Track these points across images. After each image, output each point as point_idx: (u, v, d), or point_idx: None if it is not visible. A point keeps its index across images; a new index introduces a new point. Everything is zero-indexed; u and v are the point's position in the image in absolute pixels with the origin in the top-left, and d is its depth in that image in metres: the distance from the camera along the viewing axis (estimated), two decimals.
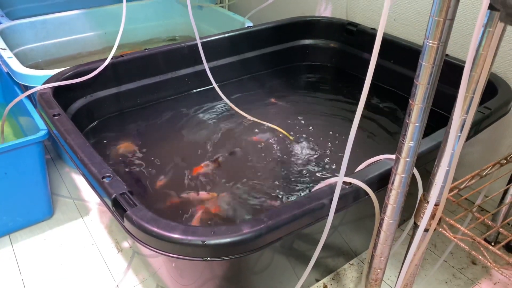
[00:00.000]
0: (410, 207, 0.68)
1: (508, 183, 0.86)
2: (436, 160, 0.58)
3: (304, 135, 1.06)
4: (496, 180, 0.72)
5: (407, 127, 0.54)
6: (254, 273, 0.72)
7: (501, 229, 0.64)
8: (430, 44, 0.48)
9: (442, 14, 0.46)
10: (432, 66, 0.49)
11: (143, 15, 1.63)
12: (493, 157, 1.03)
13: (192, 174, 0.93)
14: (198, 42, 1.05)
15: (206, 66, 1.05)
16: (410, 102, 0.52)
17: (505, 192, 0.87)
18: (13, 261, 0.93)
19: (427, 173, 0.61)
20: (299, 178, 0.92)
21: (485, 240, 0.95)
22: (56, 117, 0.82)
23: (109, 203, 0.63)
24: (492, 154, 1.04)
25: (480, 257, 0.57)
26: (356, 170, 0.70)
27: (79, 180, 1.16)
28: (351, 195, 0.65)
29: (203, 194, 0.87)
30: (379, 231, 0.65)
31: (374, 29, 1.25)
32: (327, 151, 1.00)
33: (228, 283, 0.71)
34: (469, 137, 0.84)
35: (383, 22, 0.47)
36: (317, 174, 0.93)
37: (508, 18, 0.32)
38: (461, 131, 0.53)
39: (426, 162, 0.74)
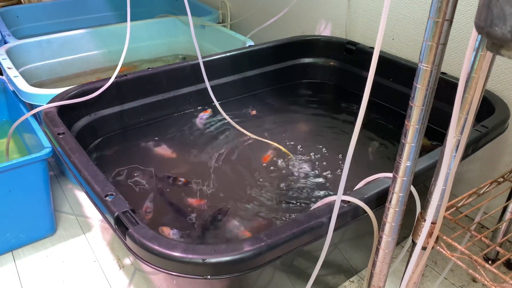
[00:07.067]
0: (410, 224, 0.68)
1: (507, 200, 0.87)
2: (433, 179, 0.59)
3: (304, 153, 1.07)
4: (495, 198, 0.73)
5: (403, 147, 0.55)
6: None
7: (498, 248, 0.64)
8: (424, 68, 0.49)
9: (435, 39, 0.47)
10: (426, 89, 0.50)
11: (147, 34, 1.66)
12: (492, 174, 1.04)
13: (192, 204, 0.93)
14: (200, 61, 1.07)
15: (207, 84, 1.07)
16: (406, 123, 0.54)
17: (504, 209, 0.88)
18: (15, 277, 0.93)
19: (427, 190, 0.62)
20: (298, 196, 0.93)
21: (485, 257, 0.96)
22: (61, 136, 0.83)
23: (112, 221, 0.64)
24: (491, 171, 1.05)
25: (478, 276, 0.57)
26: (355, 188, 0.71)
27: (82, 197, 1.17)
28: (350, 213, 0.66)
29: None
30: (377, 249, 0.66)
31: (373, 48, 1.27)
32: (326, 169, 1.01)
33: None
34: (467, 155, 0.85)
35: (379, 39, 0.48)
36: (316, 192, 0.94)
37: (494, 47, 0.33)
38: (456, 150, 0.55)
39: (425, 180, 0.75)
